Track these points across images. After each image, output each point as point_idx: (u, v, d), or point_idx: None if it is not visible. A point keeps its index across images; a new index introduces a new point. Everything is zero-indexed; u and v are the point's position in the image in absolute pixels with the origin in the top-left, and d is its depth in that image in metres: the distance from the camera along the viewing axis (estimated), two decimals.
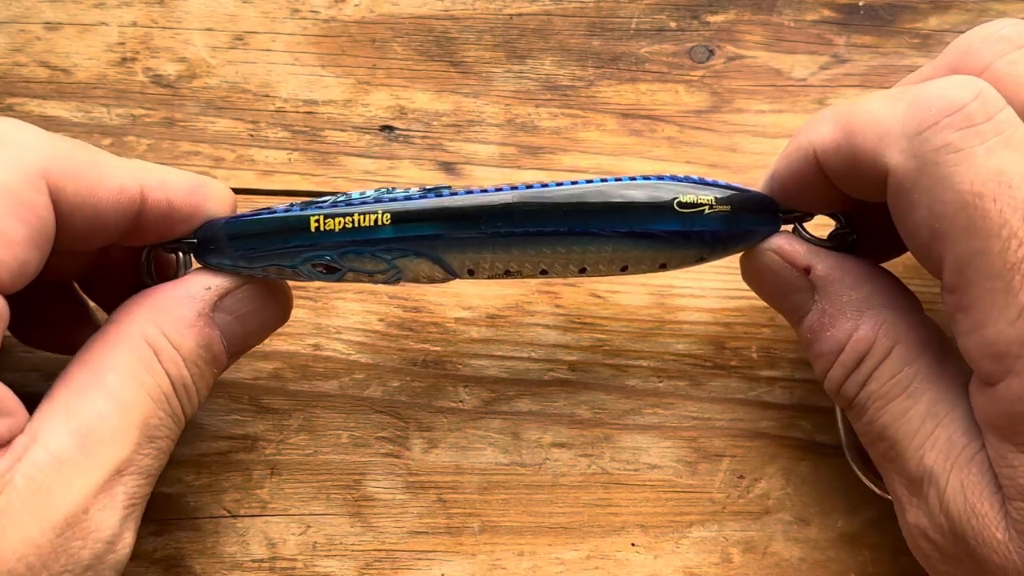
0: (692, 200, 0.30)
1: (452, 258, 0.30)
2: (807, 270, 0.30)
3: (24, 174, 0.26)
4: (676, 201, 0.30)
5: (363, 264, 0.30)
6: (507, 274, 0.31)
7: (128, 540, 0.28)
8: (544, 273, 0.30)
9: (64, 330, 0.33)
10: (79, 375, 0.27)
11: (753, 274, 0.32)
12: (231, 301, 0.30)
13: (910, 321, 0.29)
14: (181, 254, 0.30)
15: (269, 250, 0.30)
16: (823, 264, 0.30)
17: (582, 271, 0.31)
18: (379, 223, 0.29)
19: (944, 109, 0.26)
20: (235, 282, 0.30)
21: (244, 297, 0.30)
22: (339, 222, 0.29)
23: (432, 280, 0.31)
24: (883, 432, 0.29)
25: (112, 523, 0.27)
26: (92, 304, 0.34)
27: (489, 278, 0.31)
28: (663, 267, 0.31)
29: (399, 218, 0.29)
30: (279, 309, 0.32)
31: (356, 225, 0.29)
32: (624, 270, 0.31)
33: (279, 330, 0.35)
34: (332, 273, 0.30)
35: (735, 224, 0.30)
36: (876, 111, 0.27)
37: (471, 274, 0.30)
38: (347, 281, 0.30)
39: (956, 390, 0.28)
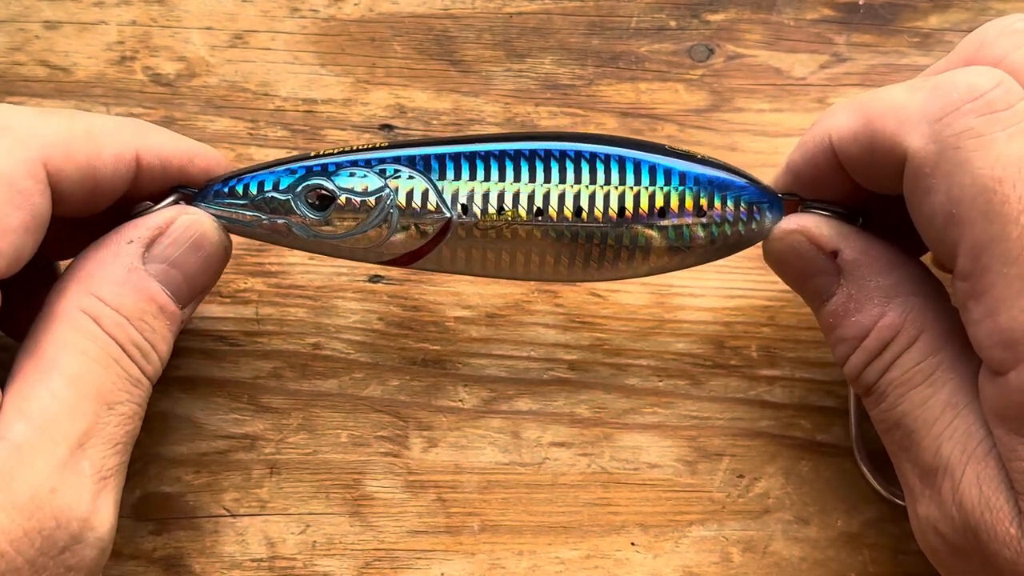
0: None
1: (445, 185, 0.30)
2: (834, 254, 0.30)
3: (22, 162, 0.26)
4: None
5: (356, 185, 0.30)
6: (499, 213, 0.30)
7: (105, 516, 0.27)
8: (539, 215, 0.30)
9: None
10: (26, 363, 0.27)
11: (776, 255, 0.31)
12: (159, 250, 0.29)
13: (937, 309, 0.29)
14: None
15: (263, 176, 0.30)
16: (851, 248, 0.29)
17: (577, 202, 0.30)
18: (377, 145, 0.31)
19: (966, 95, 0.26)
20: (156, 229, 0.29)
21: (171, 242, 0.29)
22: (336, 149, 0.31)
23: (420, 226, 0.30)
24: (901, 420, 0.28)
25: (84, 499, 0.26)
26: None
27: (483, 228, 0.30)
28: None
29: (396, 145, 0.31)
30: (214, 244, 0.30)
31: (353, 148, 0.31)
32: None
33: (278, 329, 0.35)
34: (322, 209, 0.30)
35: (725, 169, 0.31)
36: (896, 98, 0.27)
37: (464, 211, 0.30)
38: (335, 230, 0.30)
39: (977, 382, 0.28)
